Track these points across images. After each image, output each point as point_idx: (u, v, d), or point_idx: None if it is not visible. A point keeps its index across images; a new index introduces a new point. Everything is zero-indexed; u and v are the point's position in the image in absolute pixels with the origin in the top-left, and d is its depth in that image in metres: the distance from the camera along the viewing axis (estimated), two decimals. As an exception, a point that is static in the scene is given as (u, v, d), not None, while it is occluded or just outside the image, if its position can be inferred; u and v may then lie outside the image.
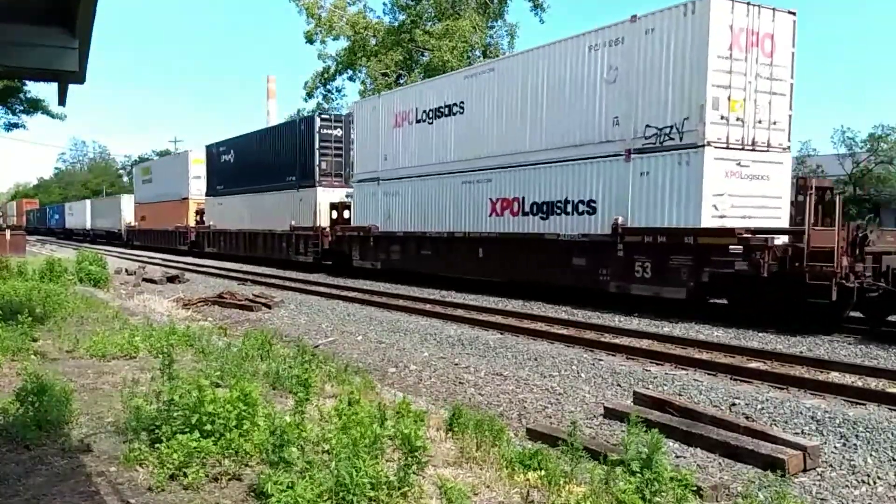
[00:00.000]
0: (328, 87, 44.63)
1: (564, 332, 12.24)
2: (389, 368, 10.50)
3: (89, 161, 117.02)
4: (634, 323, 13.27)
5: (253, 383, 5.59)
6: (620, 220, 14.64)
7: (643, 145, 14.27)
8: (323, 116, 27.76)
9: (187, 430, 4.80)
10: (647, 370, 9.36)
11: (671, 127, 13.74)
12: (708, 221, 13.19)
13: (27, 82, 27.74)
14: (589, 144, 15.49)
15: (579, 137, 15.75)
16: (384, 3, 46.59)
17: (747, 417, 7.26)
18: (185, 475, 4.44)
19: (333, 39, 42.37)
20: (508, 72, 17.97)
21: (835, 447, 6.48)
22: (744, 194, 13.63)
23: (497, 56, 39.86)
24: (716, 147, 13.23)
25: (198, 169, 39.20)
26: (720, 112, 13.25)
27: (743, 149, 13.60)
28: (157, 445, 4.77)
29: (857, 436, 6.61)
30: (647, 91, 14.18)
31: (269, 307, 16.68)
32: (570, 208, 16.06)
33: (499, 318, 13.99)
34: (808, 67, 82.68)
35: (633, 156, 14.47)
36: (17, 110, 32.19)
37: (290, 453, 4.32)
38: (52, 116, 33.56)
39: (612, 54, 14.92)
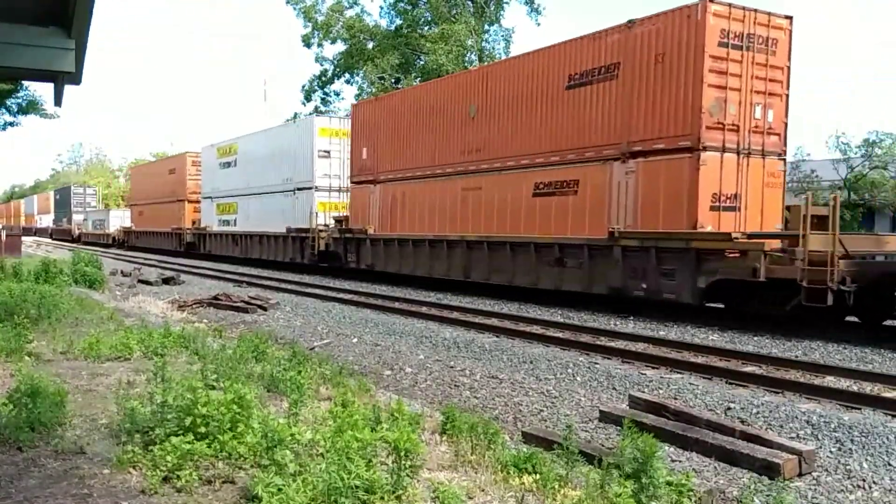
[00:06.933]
0: (326, 90, 44.79)
1: (560, 335, 12.22)
2: (385, 371, 10.47)
3: (86, 162, 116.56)
4: (630, 326, 13.28)
5: (247, 385, 5.57)
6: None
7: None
8: None
9: (181, 432, 4.77)
10: (642, 373, 9.36)
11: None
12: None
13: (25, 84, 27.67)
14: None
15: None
16: (381, 7, 46.74)
17: (743, 421, 7.26)
18: (179, 478, 4.42)
19: (331, 43, 42.50)
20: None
21: (830, 452, 6.47)
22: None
23: (493, 59, 40.00)
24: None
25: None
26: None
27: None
28: (150, 448, 4.75)
29: (852, 440, 6.61)
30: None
31: (264, 309, 16.64)
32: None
33: (494, 321, 13.97)
34: (803, 71, 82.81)
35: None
36: (14, 109, 31.90)
37: (284, 455, 4.30)
38: (46, 117, 33.40)
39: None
